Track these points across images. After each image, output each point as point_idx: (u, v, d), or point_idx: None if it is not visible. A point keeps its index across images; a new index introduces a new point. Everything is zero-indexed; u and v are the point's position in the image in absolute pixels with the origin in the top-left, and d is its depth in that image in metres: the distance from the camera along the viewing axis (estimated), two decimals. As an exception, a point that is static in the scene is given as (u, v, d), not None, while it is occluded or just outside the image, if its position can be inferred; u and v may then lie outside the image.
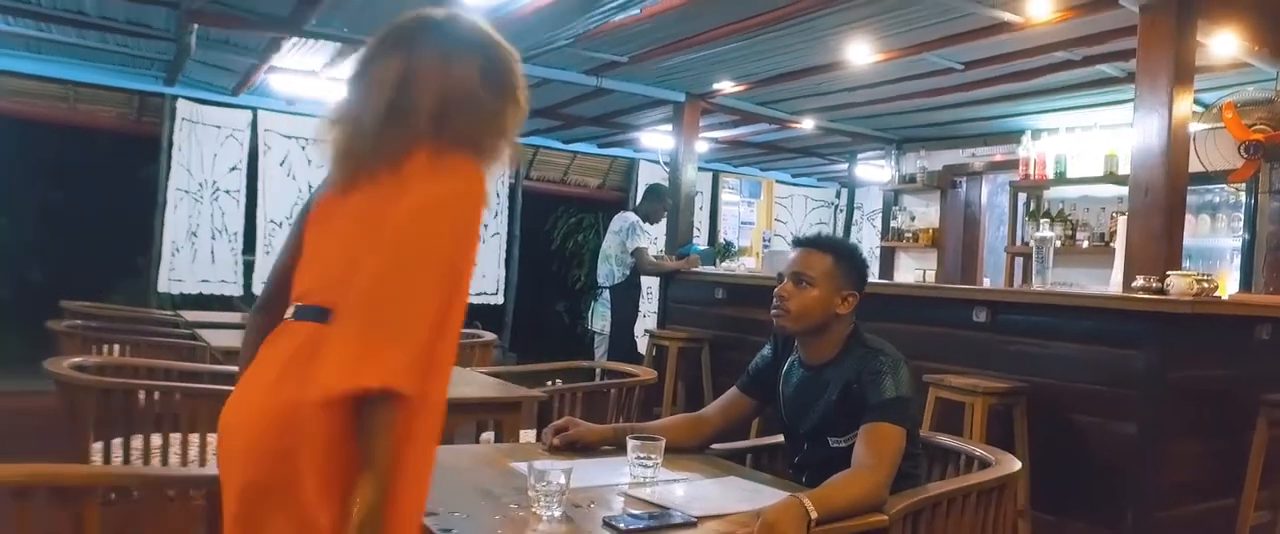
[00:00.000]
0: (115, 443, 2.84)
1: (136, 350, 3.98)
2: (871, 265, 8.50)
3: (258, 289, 6.75)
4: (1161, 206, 3.63)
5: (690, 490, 1.93)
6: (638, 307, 6.55)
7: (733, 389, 2.46)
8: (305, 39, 5.23)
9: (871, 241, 9.19)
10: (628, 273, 6.27)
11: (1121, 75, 5.08)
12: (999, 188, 7.67)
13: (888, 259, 8.39)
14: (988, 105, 6.29)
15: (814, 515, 1.68)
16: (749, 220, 10.16)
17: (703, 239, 9.35)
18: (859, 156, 9.04)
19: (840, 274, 2.17)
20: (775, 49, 5.20)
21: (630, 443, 1.99)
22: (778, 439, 2.45)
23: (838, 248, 2.22)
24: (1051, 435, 3.67)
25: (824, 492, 1.80)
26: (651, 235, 6.57)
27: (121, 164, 8.40)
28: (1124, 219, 3.95)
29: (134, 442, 2.85)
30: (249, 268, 7.33)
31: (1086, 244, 6.09)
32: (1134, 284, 3.54)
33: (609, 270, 6.32)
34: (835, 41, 4.92)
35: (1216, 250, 5.62)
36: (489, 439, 3.15)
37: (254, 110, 7.27)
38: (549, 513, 1.63)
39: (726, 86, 6.21)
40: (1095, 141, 5.94)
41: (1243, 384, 3.64)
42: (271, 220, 7.34)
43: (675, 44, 5.16)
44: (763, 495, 1.86)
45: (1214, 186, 5.52)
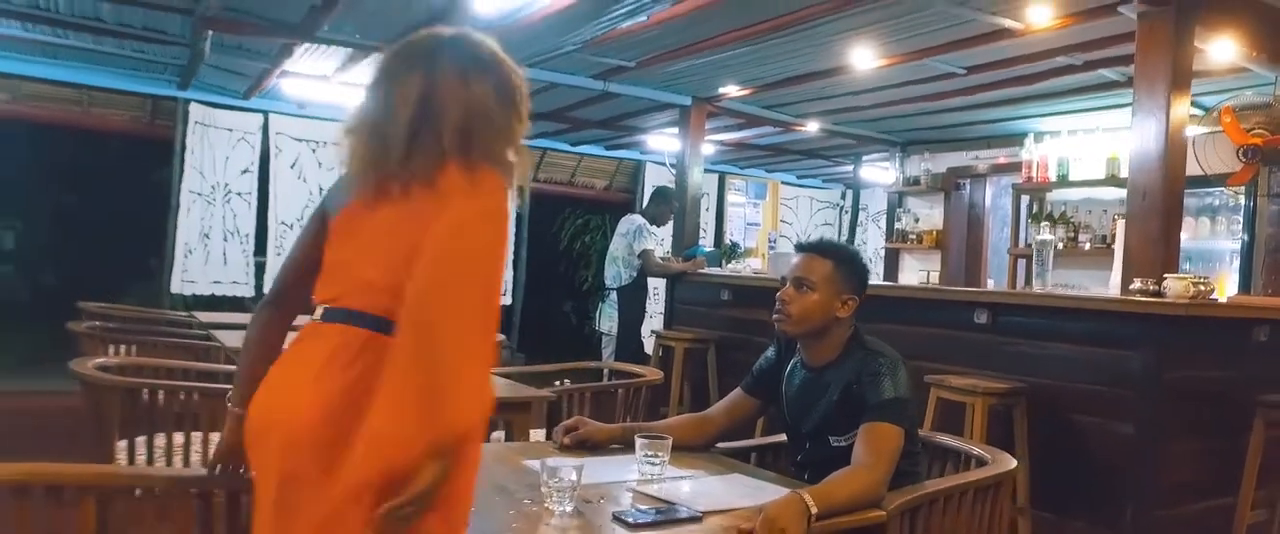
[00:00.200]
0: (137, 441, 2.92)
1: (153, 351, 4.06)
2: (876, 266, 8.57)
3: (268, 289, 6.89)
4: (1159, 210, 3.68)
5: (696, 487, 2.01)
6: (644, 308, 6.61)
7: (737, 390, 2.54)
8: (317, 44, 5.31)
9: (876, 243, 9.25)
10: (634, 275, 6.34)
11: (1122, 79, 5.13)
12: (1002, 190, 7.73)
13: (892, 260, 8.45)
14: (991, 108, 6.35)
15: (814, 510, 1.75)
16: (755, 221, 10.21)
17: (709, 240, 9.40)
18: (864, 158, 9.09)
19: (840, 279, 2.24)
20: (780, 54, 5.28)
21: (638, 441, 2.06)
22: (781, 438, 2.53)
23: (838, 253, 2.29)
24: (1051, 435, 3.73)
25: (824, 488, 1.87)
26: (659, 237, 6.65)
27: (135, 167, 8.52)
28: (1123, 222, 4.01)
29: (155, 440, 2.93)
30: (260, 269, 7.41)
31: (1088, 246, 6.15)
32: (1131, 286, 3.60)
33: (616, 272, 6.39)
34: (839, 47, 4.99)
35: (1216, 252, 5.68)
36: (500, 438, 3.22)
37: (265, 114, 7.35)
38: (561, 508, 1.71)
39: (732, 90, 6.28)
40: (1097, 144, 5.99)
41: (1240, 385, 3.69)
42: (282, 222, 7.42)
43: (681, 49, 5.23)
44: (765, 492, 1.93)
45: (1214, 189, 5.57)
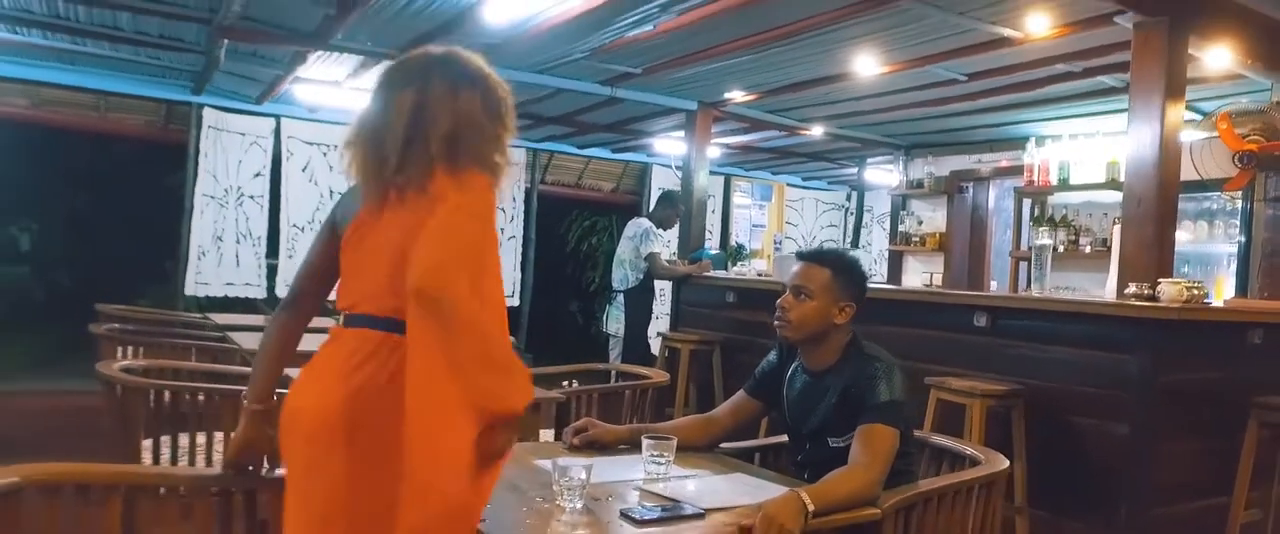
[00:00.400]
0: (159, 440, 3.02)
1: (170, 353, 4.16)
2: (880, 268, 8.65)
3: (281, 292, 6.99)
4: (1153, 216, 3.76)
5: (700, 485, 2.10)
6: (651, 310, 6.70)
7: (740, 392, 2.63)
8: (330, 52, 5.41)
9: (880, 244, 9.32)
10: (641, 277, 6.43)
11: (1121, 86, 5.20)
12: (1006, 192, 7.80)
13: (896, 262, 8.53)
14: (993, 113, 6.43)
15: (810, 507, 1.84)
16: (760, 223, 10.28)
17: (715, 242, 9.49)
18: (868, 161, 9.17)
19: (838, 287, 2.33)
20: (784, 61, 5.37)
21: (645, 442, 2.16)
22: (782, 439, 2.62)
23: (836, 262, 2.38)
24: (1048, 436, 3.80)
25: (821, 487, 1.96)
26: (665, 239, 6.74)
27: (149, 170, 8.64)
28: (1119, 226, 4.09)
29: (179, 440, 3.03)
30: (272, 271, 7.51)
31: (1089, 249, 6.23)
32: (1126, 291, 3.67)
33: (623, 275, 6.49)
34: (842, 54, 5.08)
35: (1214, 256, 5.75)
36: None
37: (277, 118, 7.45)
38: (571, 505, 1.80)
39: (737, 96, 6.37)
40: (1097, 149, 6.06)
41: (1235, 386, 3.74)
42: (294, 225, 7.52)
43: (687, 57, 5.32)
44: (766, 491, 2.02)
45: (1212, 193, 5.64)
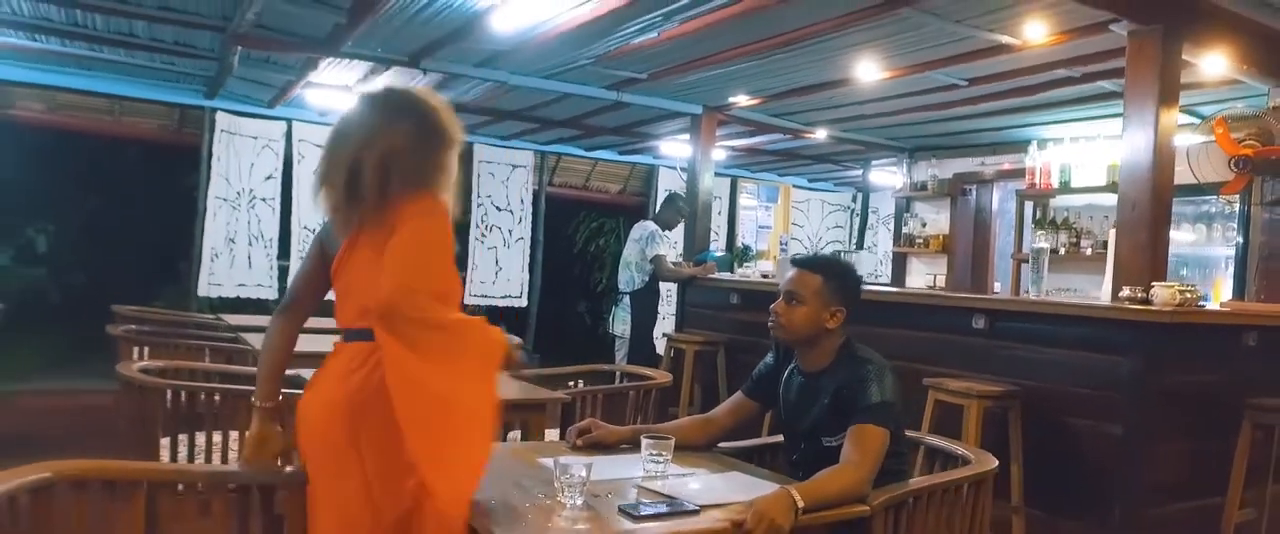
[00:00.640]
0: (175, 439, 3.12)
1: (187, 353, 4.26)
2: (884, 269, 8.71)
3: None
4: (1147, 221, 3.82)
5: (696, 483, 2.18)
6: (656, 311, 6.79)
7: (738, 393, 2.72)
8: (341, 58, 5.52)
9: (886, 246, 9.38)
10: (647, 279, 6.52)
11: (1120, 90, 5.22)
12: (1009, 195, 7.84)
13: (900, 264, 8.59)
14: (994, 117, 6.50)
15: (800, 504, 1.92)
16: (766, 224, 10.34)
17: (721, 244, 9.56)
18: (873, 163, 9.22)
19: (828, 292, 2.41)
20: (787, 67, 5.45)
21: (644, 441, 2.24)
22: (778, 438, 2.70)
23: (827, 269, 2.47)
24: (1045, 437, 3.86)
25: (811, 484, 2.05)
26: (672, 241, 6.83)
27: (163, 173, 8.76)
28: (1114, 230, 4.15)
29: (195, 439, 3.13)
30: (284, 272, 7.60)
31: (1090, 251, 6.28)
32: (1120, 294, 3.73)
33: (629, 277, 6.58)
34: (844, 60, 5.16)
35: (1212, 259, 5.80)
36: (516, 438, 3.40)
37: (289, 121, 7.56)
38: (572, 502, 1.88)
39: (741, 100, 6.45)
40: (1098, 152, 6.11)
41: (1229, 388, 3.80)
42: (305, 227, 7.62)
43: (692, 63, 5.40)
44: (760, 488, 2.09)
45: (1210, 197, 5.69)
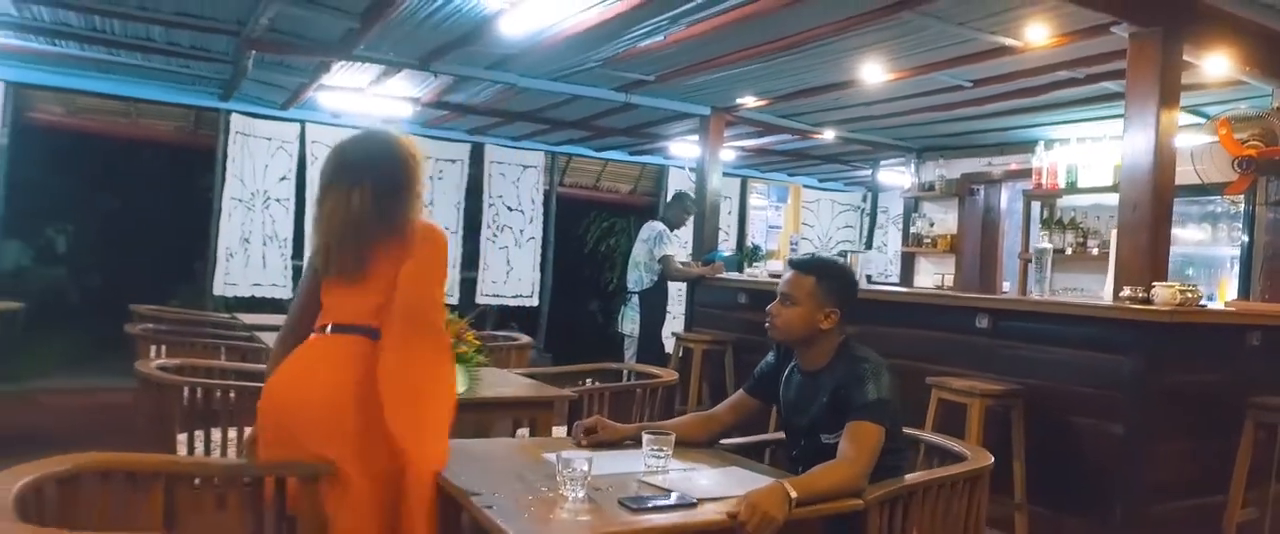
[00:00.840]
0: (192, 435, 3.20)
1: (203, 351, 4.35)
2: (894, 269, 8.74)
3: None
4: (1148, 222, 3.86)
5: (695, 478, 2.24)
6: (665, 311, 6.84)
7: (740, 390, 2.78)
8: (353, 61, 5.60)
9: (895, 245, 9.41)
10: (655, 279, 6.58)
11: (1124, 91, 5.28)
12: (1017, 195, 7.87)
13: (908, 264, 8.63)
14: (1001, 118, 6.53)
15: (794, 496, 1.98)
16: (777, 224, 10.36)
17: (731, 244, 9.60)
18: (882, 163, 9.26)
19: (821, 294, 2.47)
20: (793, 69, 5.50)
21: (645, 437, 2.30)
22: (779, 435, 2.76)
23: (820, 270, 2.52)
24: (1047, 435, 3.91)
25: (806, 478, 2.11)
26: (681, 241, 6.88)
27: (179, 174, 8.87)
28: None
29: (211, 435, 3.21)
30: (298, 272, 7.69)
31: (1096, 251, 6.31)
32: (1121, 294, 3.78)
33: (638, 277, 6.64)
34: (848, 63, 5.21)
35: (1217, 259, 5.82)
36: (524, 434, 3.47)
37: (302, 123, 7.65)
38: (573, 494, 1.94)
39: (749, 101, 6.51)
40: (1104, 152, 6.13)
41: (1231, 387, 3.83)
42: (319, 227, 7.69)
43: (699, 65, 5.47)
44: (758, 483, 2.14)
45: (1215, 197, 5.71)
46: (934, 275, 8.15)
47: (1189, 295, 3.66)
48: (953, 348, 4.34)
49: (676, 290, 7.58)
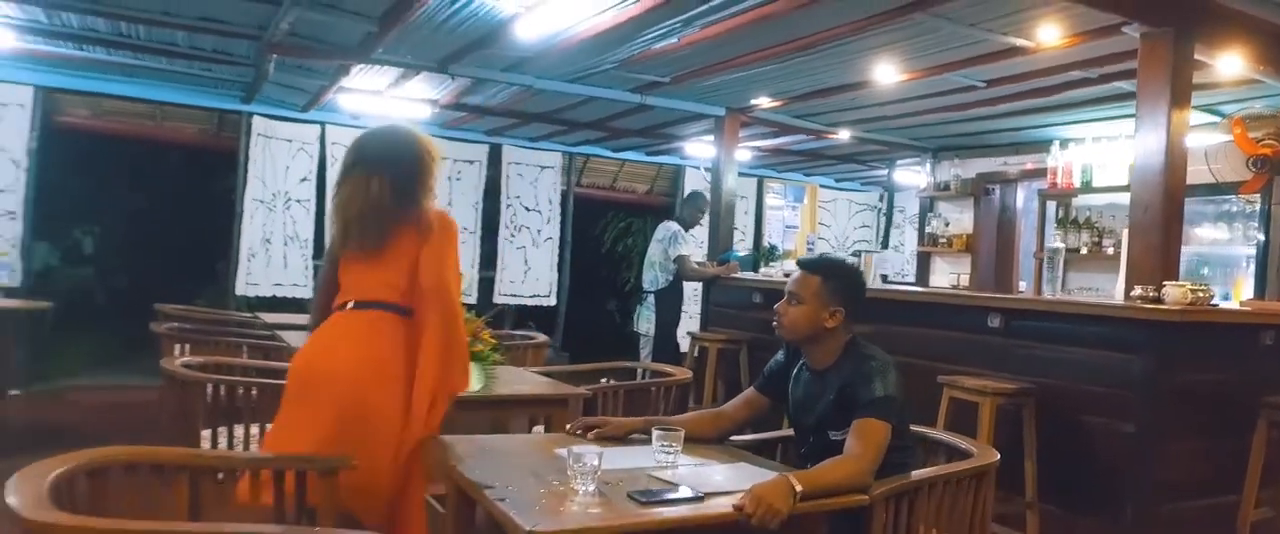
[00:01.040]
0: (216, 431, 3.28)
1: (227, 349, 4.42)
2: (910, 269, 8.74)
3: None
4: (1160, 222, 3.87)
5: (703, 473, 2.29)
6: (680, 310, 6.89)
7: (750, 388, 2.83)
8: (372, 65, 5.69)
9: (911, 245, 9.41)
10: (671, 279, 6.63)
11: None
12: (1033, 194, 7.86)
13: (923, 263, 8.63)
14: (1015, 118, 6.53)
15: (799, 489, 2.03)
16: (793, 224, 10.37)
17: (748, 243, 9.63)
18: (898, 163, 9.26)
19: (827, 293, 2.51)
20: (807, 69, 5.53)
21: (655, 433, 2.35)
22: (788, 432, 2.81)
23: (826, 270, 2.57)
24: (1058, 434, 3.92)
25: (812, 472, 2.16)
26: (696, 241, 6.93)
27: (202, 176, 9.00)
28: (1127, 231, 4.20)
29: (234, 431, 3.28)
30: (318, 272, 7.78)
31: (1111, 250, 6.29)
32: (1132, 293, 3.79)
33: (653, 276, 6.69)
34: (861, 63, 5.24)
35: (1232, 258, 5.79)
36: (540, 431, 3.53)
37: (322, 125, 7.74)
38: (584, 488, 2.00)
39: (764, 102, 6.54)
40: (1119, 152, 6.12)
41: (1244, 387, 3.84)
42: (339, 228, 7.78)
43: (713, 66, 5.51)
44: (765, 478, 2.20)
45: (1231, 196, 5.70)
46: (950, 275, 8.15)
47: (1200, 295, 3.67)
48: (966, 347, 4.36)
49: (692, 290, 7.63)
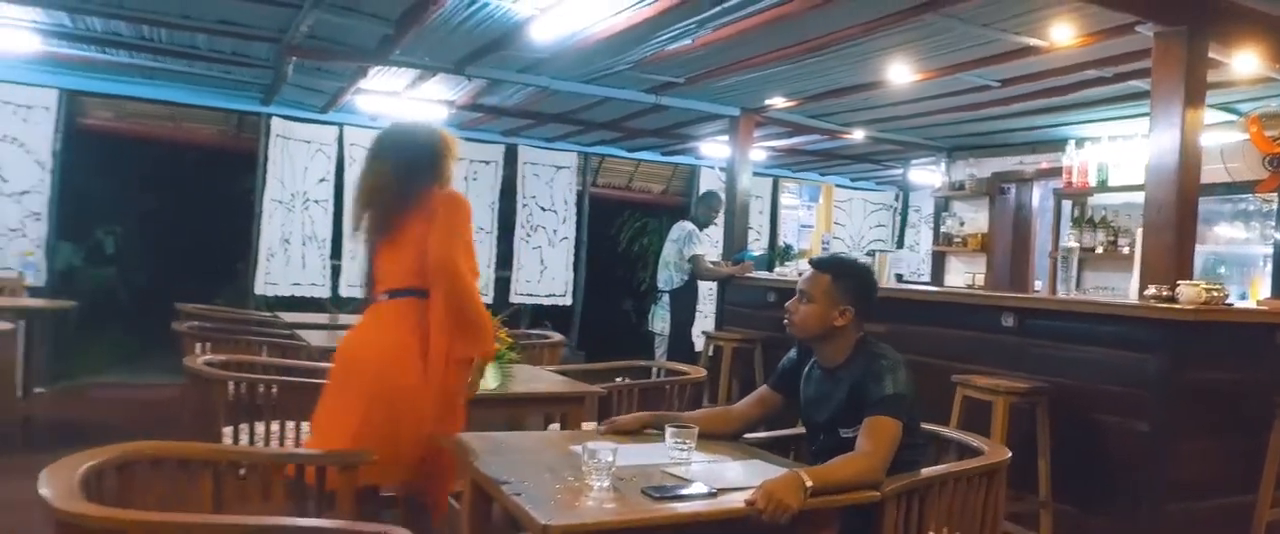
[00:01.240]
0: (237, 428, 3.33)
1: (247, 348, 4.48)
2: (926, 268, 8.74)
3: (344, 291, 7.40)
4: (1173, 222, 3.86)
5: (716, 469, 2.33)
6: (695, 309, 6.92)
7: (763, 386, 2.86)
8: (390, 66, 5.75)
9: (927, 244, 9.40)
10: (686, 278, 6.66)
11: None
12: (1048, 193, 7.83)
13: (939, 263, 8.62)
14: (1030, 117, 6.52)
15: (809, 484, 2.06)
16: (808, 224, 10.38)
17: (763, 243, 9.65)
18: (913, 162, 9.25)
19: (837, 292, 2.53)
20: (822, 70, 5.55)
21: (668, 431, 2.39)
22: (801, 430, 2.84)
23: (836, 269, 2.59)
24: (1072, 433, 3.92)
25: (823, 468, 2.18)
26: (712, 240, 6.95)
27: (222, 177, 9.10)
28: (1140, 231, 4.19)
29: (255, 428, 3.34)
30: (336, 271, 7.85)
31: (1127, 249, 6.26)
32: (1146, 293, 3.79)
33: (668, 276, 6.72)
34: (875, 63, 5.26)
35: (1249, 257, 5.76)
36: (556, 429, 3.57)
37: (340, 126, 7.81)
38: (599, 483, 2.03)
39: (778, 102, 6.56)
40: (1135, 151, 6.10)
41: (1260, 386, 3.83)
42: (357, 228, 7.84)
43: (728, 67, 5.54)
44: (776, 474, 2.23)
45: (1247, 195, 5.67)
46: (965, 274, 8.14)
47: (1215, 294, 3.66)
48: (980, 346, 4.36)
49: (707, 289, 7.66)
